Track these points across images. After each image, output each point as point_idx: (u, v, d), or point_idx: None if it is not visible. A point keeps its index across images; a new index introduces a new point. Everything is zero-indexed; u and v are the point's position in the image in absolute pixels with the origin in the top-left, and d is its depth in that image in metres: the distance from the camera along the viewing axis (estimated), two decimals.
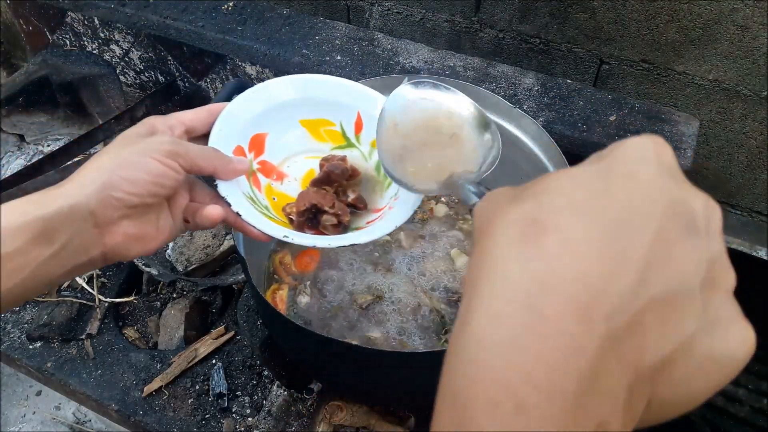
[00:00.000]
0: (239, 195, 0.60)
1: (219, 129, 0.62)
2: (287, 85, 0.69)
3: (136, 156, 0.52)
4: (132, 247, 0.54)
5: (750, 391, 1.36)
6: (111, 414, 0.97)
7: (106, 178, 0.50)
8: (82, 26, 1.37)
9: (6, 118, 1.35)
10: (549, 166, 0.86)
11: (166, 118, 0.58)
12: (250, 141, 0.66)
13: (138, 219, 0.53)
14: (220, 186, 0.59)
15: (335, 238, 0.60)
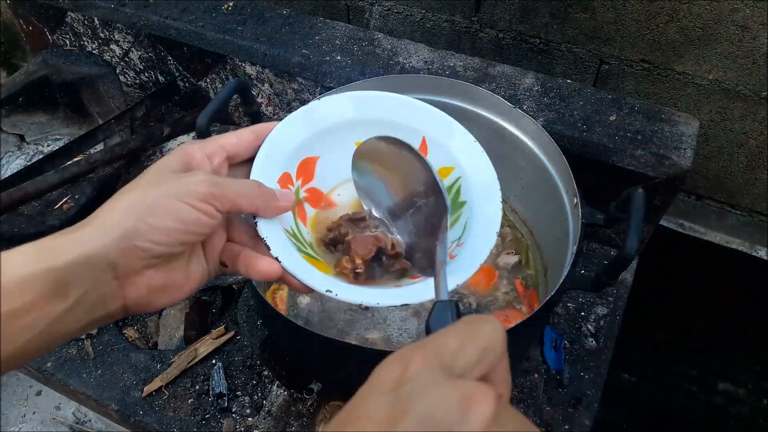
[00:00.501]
0: (280, 235, 0.53)
1: (265, 155, 0.56)
2: (346, 102, 0.62)
3: (166, 199, 0.45)
4: (156, 299, 0.48)
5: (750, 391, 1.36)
6: (111, 414, 0.97)
7: (130, 225, 0.44)
8: (82, 26, 1.37)
9: (6, 118, 1.35)
10: (549, 166, 0.86)
11: (206, 143, 0.52)
12: (298, 166, 0.59)
13: (165, 267, 0.47)
14: (260, 225, 0.52)
15: (385, 295, 0.52)
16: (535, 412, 0.92)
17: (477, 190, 0.59)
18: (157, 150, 1.21)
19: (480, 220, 0.57)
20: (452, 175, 0.61)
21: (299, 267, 0.52)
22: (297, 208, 0.59)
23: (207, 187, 0.46)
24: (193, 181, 0.46)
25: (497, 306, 0.91)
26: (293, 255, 0.52)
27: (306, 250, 0.56)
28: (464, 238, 0.57)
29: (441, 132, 0.62)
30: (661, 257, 1.19)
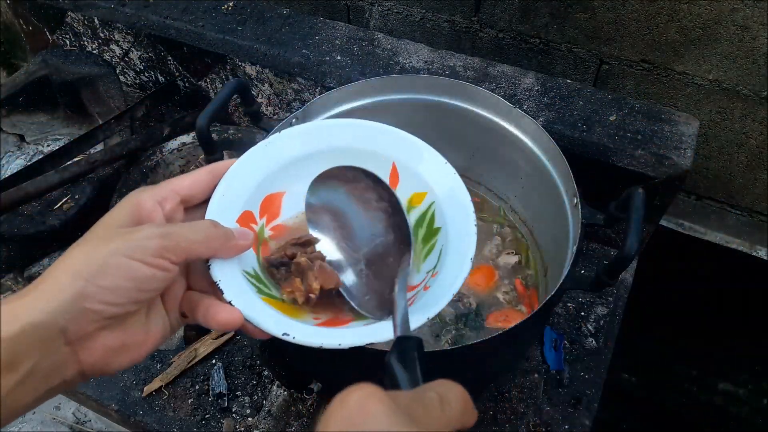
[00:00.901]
0: (237, 277, 0.50)
1: (221, 194, 0.53)
2: (309, 133, 0.59)
3: (116, 258, 0.42)
4: (114, 360, 0.45)
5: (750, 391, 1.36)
6: (111, 414, 0.97)
7: (79, 288, 0.41)
8: (82, 26, 1.37)
9: (6, 118, 1.35)
10: (549, 166, 0.86)
11: (156, 189, 0.49)
12: (261, 204, 0.57)
13: (121, 327, 0.44)
14: (214, 268, 0.49)
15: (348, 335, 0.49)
16: (535, 412, 0.92)
17: (451, 215, 0.56)
18: (157, 150, 1.21)
19: (455, 246, 0.54)
20: (426, 200, 0.58)
21: (255, 311, 0.48)
22: (262, 247, 0.56)
23: (158, 240, 0.43)
24: (143, 235, 0.44)
25: (497, 306, 0.91)
26: (250, 298, 0.49)
27: (269, 291, 0.53)
28: (439, 267, 0.54)
29: (411, 156, 0.59)
30: (661, 257, 1.19)
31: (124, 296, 0.43)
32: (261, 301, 0.50)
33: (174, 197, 0.49)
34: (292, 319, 0.50)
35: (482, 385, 0.92)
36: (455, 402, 0.36)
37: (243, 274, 0.51)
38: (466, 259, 0.52)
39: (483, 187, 1.05)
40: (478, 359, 0.73)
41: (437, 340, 0.87)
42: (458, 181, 0.58)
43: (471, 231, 0.54)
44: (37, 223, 1.09)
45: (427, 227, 0.57)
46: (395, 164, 0.59)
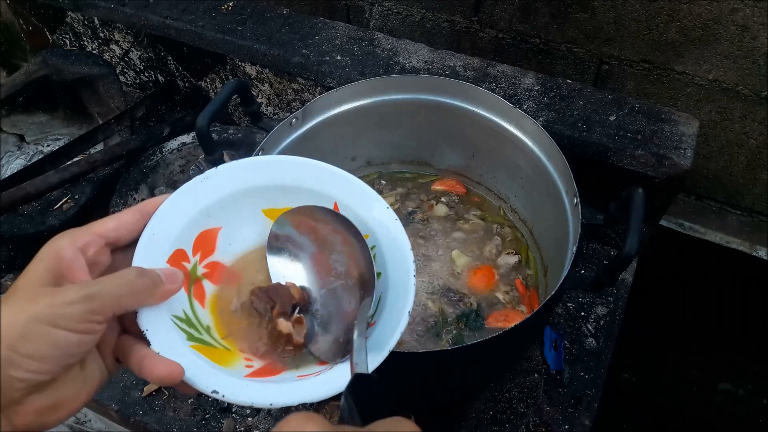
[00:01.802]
0: (166, 323, 0.48)
1: (151, 233, 0.50)
2: (248, 168, 0.57)
3: (38, 326, 0.40)
4: (49, 418, 0.43)
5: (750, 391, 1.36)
6: (111, 414, 0.97)
7: (2, 356, 0.39)
8: (82, 26, 1.37)
9: (6, 118, 1.35)
10: (549, 166, 0.86)
11: (77, 234, 0.46)
12: (195, 240, 0.54)
13: (53, 386, 0.42)
14: (142, 315, 0.46)
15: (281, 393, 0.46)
16: (535, 412, 0.92)
17: (392, 262, 0.54)
18: (157, 150, 1.21)
19: (393, 295, 0.52)
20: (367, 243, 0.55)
21: (184, 362, 0.45)
22: (194, 287, 0.53)
23: (81, 306, 0.41)
24: (65, 302, 0.41)
25: (497, 306, 0.91)
26: (179, 348, 0.46)
27: (200, 336, 0.50)
28: (376, 317, 0.51)
29: (353, 198, 0.57)
30: (661, 257, 1.19)
31: (51, 363, 0.40)
32: (190, 350, 0.47)
33: (97, 241, 0.47)
34: (222, 370, 0.48)
35: (482, 385, 0.92)
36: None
37: (172, 319, 0.48)
38: (403, 312, 0.50)
39: (483, 187, 1.05)
40: (478, 359, 0.73)
41: (437, 340, 0.88)
42: (399, 227, 0.55)
43: (410, 282, 0.51)
44: (37, 223, 1.09)
45: None
46: (336, 204, 0.57)
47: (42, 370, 0.40)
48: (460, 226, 1.00)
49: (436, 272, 0.94)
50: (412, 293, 0.51)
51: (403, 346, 0.86)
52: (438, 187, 1.05)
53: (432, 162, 1.06)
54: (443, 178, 1.07)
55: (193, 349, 0.48)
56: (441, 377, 0.76)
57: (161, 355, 0.45)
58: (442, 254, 0.97)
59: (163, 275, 0.48)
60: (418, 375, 0.73)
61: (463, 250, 0.97)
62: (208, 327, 0.51)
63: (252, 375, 0.49)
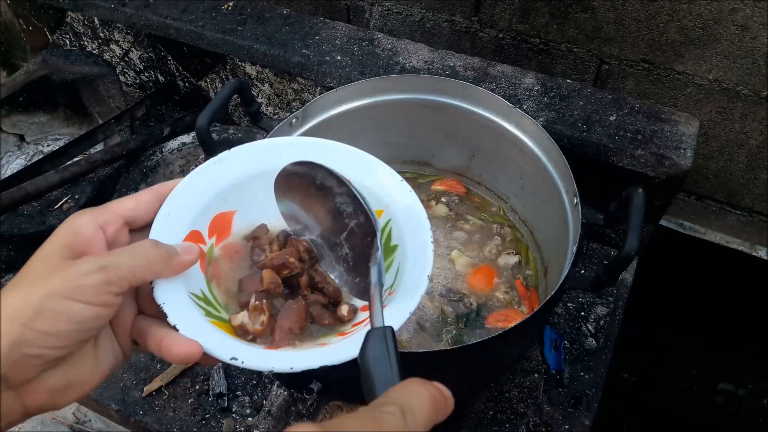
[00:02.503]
0: (183, 299, 0.48)
1: (166, 213, 0.51)
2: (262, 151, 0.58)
3: (54, 300, 0.39)
4: (60, 399, 0.42)
5: (750, 391, 1.36)
6: (111, 414, 0.97)
7: (16, 334, 0.38)
8: (82, 26, 1.37)
9: (6, 118, 1.35)
10: (549, 166, 0.86)
11: (97, 212, 0.46)
12: (211, 223, 0.55)
13: (66, 365, 0.42)
14: (158, 290, 0.46)
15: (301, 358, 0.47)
16: (535, 412, 0.92)
17: (408, 232, 0.55)
18: (157, 150, 1.21)
19: (411, 264, 0.53)
20: (382, 218, 0.57)
21: (203, 335, 0.46)
22: (211, 268, 0.54)
23: (97, 275, 0.41)
24: (81, 272, 0.41)
25: (497, 306, 0.91)
26: (197, 322, 0.47)
27: (219, 314, 0.51)
28: (396, 285, 0.52)
29: (366, 173, 0.58)
30: (661, 257, 1.19)
31: (66, 339, 0.40)
32: (209, 324, 0.48)
33: (117, 220, 0.47)
34: (242, 342, 0.48)
35: (482, 385, 0.92)
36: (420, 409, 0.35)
37: (189, 295, 0.49)
38: (423, 276, 0.50)
39: (483, 187, 1.05)
40: (478, 359, 0.73)
41: (437, 340, 0.88)
42: (414, 197, 0.56)
43: (428, 248, 0.52)
44: (37, 223, 1.09)
45: (384, 245, 0.55)
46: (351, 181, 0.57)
47: (57, 345, 0.40)
48: (460, 226, 1.00)
49: (437, 272, 0.94)
50: (431, 258, 0.51)
51: (403, 345, 0.86)
52: (438, 187, 1.05)
53: (432, 162, 1.06)
54: (443, 178, 1.07)
55: (212, 324, 0.48)
56: (441, 377, 0.76)
57: (179, 332, 0.44)
58: (442, 254, 0.96)
59: (179, 248, 0.48)
60: (418, 375, 0.73)
61: (463, 250, 0.97)
62: (225, 305, 0.52)
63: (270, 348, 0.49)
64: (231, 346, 0.46)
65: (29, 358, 0.39)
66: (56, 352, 0.40)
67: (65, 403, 0.43)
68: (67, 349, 0.41)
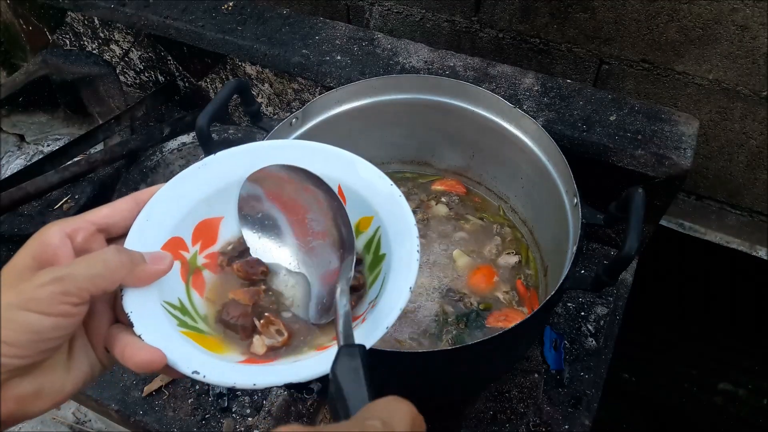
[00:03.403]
0: (154, 308, 0.46)
1: (144, 219, 0.49)
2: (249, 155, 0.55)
3: (10, 312, 0.39)
4: (31, 407, 0.42)
5: (750, 391, 1.36)
6: (111, 414, 0.97)
7: None
8: (82, 26, 1.37)
9: (6, 118, 1.35)
10: (549, 166, 0.86)
11: (68, 221, 0.45)
12: (195, 229, 0.53)
13: (34, 373, 0.41)
14: (126, 297, 0.45)
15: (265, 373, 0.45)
16: (535, 412, 0.92)
17: (396, 241, 0.52)
18: (157, 150, 1.21)
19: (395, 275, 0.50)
20: (372, 225, 0.54)
21: (167, 346, 0.44)
22: (193, 276, 0.52)
23: (52, 287, 0.40)
24: (35, 284, 0.40)
25: (497, 306, 0.91)
26: (165, 331, 0.45)
27: (195, 324, 0.49)
28: (378, 298, 0.49)
29: (357, 179, 0.55)
30: (661, 257, 1.19)
31: (26, 348, 0.40)
32: (178, 334, 0.46)
33: (87, 227, 0.45)
34: (213, 355, 0.46)
35: (482, 385, 0.92)
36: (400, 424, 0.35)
37: (163, 304, 0.47)
38: (404, 288, 0.48)
39: (483, 187, 1.05)
40: (478, 359, 0.73)
41: (437, 340, 0.88)
42: (404, 204, 0.53)
43: (413, 257, 0.50)
44: (37, 223, 1.09)
45: (373, 254, 0.54)
46: (341, 186, 0.55)
47: (17, 354, 0.39)
48: (461, 226, 1.00)
49: (437, 272, 0.94)
50: (415, 269, 0.49)
51: (403, 345, 0.86)
52: (438, 187, 1.05)
53: (432, 162, 1.06)
54: (443, 178, 1.07)
55: (183, 335, 0.47)
56: (441, 377, 0.76)
57: (144, 341, 0.43)
58: (442, 254, 0.96)
59: (148, 256, 0.46)
60: (418, 375, 0.73)
61: (463, 250, 0.97)
62: (205, 316, 0.50)
63: (246, 362, 0.48)
64: (196, 360, 0.45)
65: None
66: (17, 361, 0.40)
67: (38, 412, 0.42)
68: (29, 359, 0.40)
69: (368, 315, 0.48)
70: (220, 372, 0.44)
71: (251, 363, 0.48)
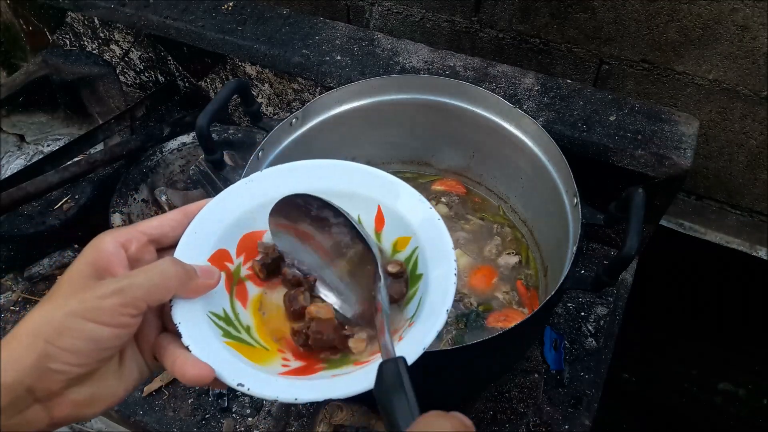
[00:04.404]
0: (201, 319, 0.48)
1: (193, 231, 0.52)
2: (293, 173, 0.58)
3: (73, 320, 0.41)
4: (85, 412, 0.44)
5: (750, 391, 1.36)
6: (111, 414, 0.97)
7: (40, 349, 0.40)
8: (82, 26, 1.37)
9: (6, 118, 1.35)
10: (549, 166, 0.86)
11: (120, 231, 0.48)
12: (239, 242, 0.55)
13: (90, 380, 0.43)
14: (176, 309, 0.47)
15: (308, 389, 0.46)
16: (535, 412, 0.92)
17: (433, 261, 0.54)
18: (157, 150, 1.21)
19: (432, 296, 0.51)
20: (409, 245, 0.56)
21: (213, 357, 0.46)
22: (237, 287, 0.54)
23: (113, 299, 0.42)
24: (97, 295, 0.42)
25: (497, 306, 0.91)
26: (210, 342, 0.47)
27: (238, 334, 0.51)
28: (415, 318, 0.50)
29: (397, 200, 0.57)
30: (661, 257, 1.19)
31: (87, 357, 0.42)
32: (223, 345, 0.48)
33: (139, 237, 0.48)
34: (255, 366, 0.48)
35: (482, 385, 0.92)
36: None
37: (208, 315, 0.49)
38: (442, 311, 0.48)
39: (483, 187, 1.05)
40: (478, 359, 0.73)
41: (437, 340, 0.87)
42: (442, 227, 0.55)
43: (450, 281, 0.51)
44: (37, 223, 1.09)
45: (410, 273, 0.55)
46: (380, 207, 0.57)
47: (78, 362, 0.41)
48: (461, 227, 1.00)
49: None
50: (452, 292, 0.50)
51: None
52: (438, 187, 1.05)
53: (432, 162, 1.06)
54: (443, 178, 1.07)
55: (227, 345, 0.48)
56: (441, 377, 0.76)
57: (192, 355, 0.45)
58: None
59: (199, 270, 0.48)
60: (418, 375, 0.73)
61: (463, 250, 0.97)
62: (248, 327, 0.52)
63: (286, 374, 0.49)
64: (240, 371, 0.46)
65: (54, 373, 0.41)
66: (78, 369, 0.42)
67: (91, 416, 0.44)
68: (89, 367, 0.42)
69: (405, 333, 0.49)
70: (264, 385, 0.46)
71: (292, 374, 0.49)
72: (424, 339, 0.47)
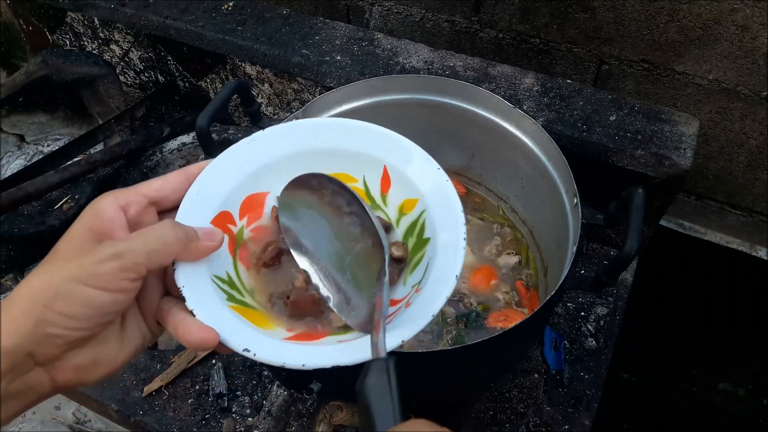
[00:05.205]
0: (204, 282, 0.47)
1: (195, 193, 0.50)
2: (296, 131, 0.56)
3: (71, 285, 0.40)
4: (87, 376, 0.43)
5: (750, 391, 1.36)
6: (111, 414, 0.97)
7: (39, 313, 0.40)
8: (82, 26, 1.37)
9: (6, 118, 1.35)
10: (549, 166, 0.86)
11: (120, 193, 0.46)
12: (242, 204, 0.53)
13: (91, 344, 0.43)
14: (179, 271, 0.46)
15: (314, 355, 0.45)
16: (535, 412, 0.92)
17: (441, 225, 0.51)
18: (157, 150, 1.21)
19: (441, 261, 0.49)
20: (416, 208, 0.54)
21: (218, 321, 0.45)
22: (240, 250, 0.52)
23: (111, 263, 0.41)
24: (95, 260, 0.41)
25: (497, 306, 0.91)
26: (215, 307, 0.46)
27: (242, 298, 0.49)
28: (423, 283, 0.49)
29: (403, 159, 0.55)
30: (661, 257, 1.19)
31: (86, 321, 0.41)
32: (228, 309, 0.47)
33: (140, 200, 0.47)
34: (261, 331, 0.47)
35: (482, 385, 0.92)
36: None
37: (212, 278, 0.48)
38: (451, 276, 0.47)
39: (483, 187, 1.05)
40: (478, 359, 0.73)
41: (437, 340, 0.88)
42: (451, 188, 0.52)
43: (459, 245, 0.49)
44: (37, 223, 1.09)
45: (417, 237, 0.53)
46: (386, 167, 0.55)
47: (77, 327, 0.41)
48: None
49: None
50: (461, 258, 0.48)
51: (403, 345, 0.86)
52: None
53: None
54: None
55: (232, 309, 0.47)
56: (441, 377, 0.76)
57: (196, 318, 0.44)
58: None
59: (201, 232, 0.47)
60: (418, 375, 0.73)
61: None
62: (251, 290, 0.51)
63: (292, 338, 0.48)
64: (246, 337, 0.45)
65: (53, 338, 0.40)
66: (77, 333, 0.41)
67: (94, 380, 0.44)
68: (89, 331, 0.42)
69: (413, 299, 0.48)
70: (270, 350, 0.44)
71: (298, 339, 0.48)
72: (433, 305, 0.46)
